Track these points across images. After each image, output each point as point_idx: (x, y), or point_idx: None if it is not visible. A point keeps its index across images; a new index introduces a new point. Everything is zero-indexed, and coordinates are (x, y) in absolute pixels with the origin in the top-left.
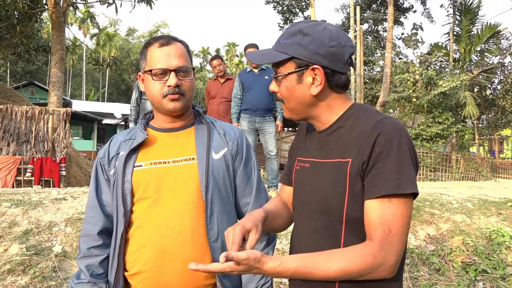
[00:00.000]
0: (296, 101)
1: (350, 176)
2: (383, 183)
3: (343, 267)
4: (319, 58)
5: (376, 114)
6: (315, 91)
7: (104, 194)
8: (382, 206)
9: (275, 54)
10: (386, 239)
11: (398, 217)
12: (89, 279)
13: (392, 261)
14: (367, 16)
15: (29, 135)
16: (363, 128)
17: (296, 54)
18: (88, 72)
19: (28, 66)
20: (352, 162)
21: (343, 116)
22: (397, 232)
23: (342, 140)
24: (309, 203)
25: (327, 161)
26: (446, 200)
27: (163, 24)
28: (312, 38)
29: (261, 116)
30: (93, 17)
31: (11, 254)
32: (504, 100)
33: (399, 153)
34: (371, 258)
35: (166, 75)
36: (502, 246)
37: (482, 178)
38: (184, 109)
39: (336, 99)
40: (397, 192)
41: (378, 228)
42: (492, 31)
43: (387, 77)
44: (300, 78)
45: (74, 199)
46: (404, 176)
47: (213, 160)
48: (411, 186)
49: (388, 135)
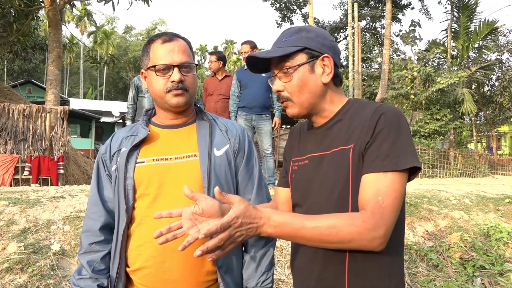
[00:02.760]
0: (309, 92)
1: (353, 160)
2: (382, 159)
3: (332, 222)
4: (327, 50)
5: (374, 103)
6: (326, 79)
7: (105, 190)
8: (377, 179)
9: (284, 48)
10: (378, 209)
11: (392, 190)
12: (90, 274)
13: (382, 232)
14: (365, 13)
15: (27, 133)
16: (364, 116)
17: (308, 45)
18: (85, 70)
19: (25, 64)
20: (354, 147)
21: (342, 110)
22: (390, 203)
23: (343, 131)
24: (313, 196)
25: (329, 152)
26: (444, 197)
27: (161, 21)
28: (317, 33)
29: (258, 114)
30: (90, 14)
31: (9, 252)
32: (502, 97)
33: (398, 132)
34: (360, 221)
35: (169, 71)
36: (500, 242)
37: (480, 174)
38: (187, 104)
39: (336, 92)
40: (396, 169)
41: (371, 199)
42: (489, 28)
43: (385, 74)
44: (312, 68)
45: (72, 197)
46: (403, 152)
47: (215, 157)
48: (410, 160)
49: (388, 115)
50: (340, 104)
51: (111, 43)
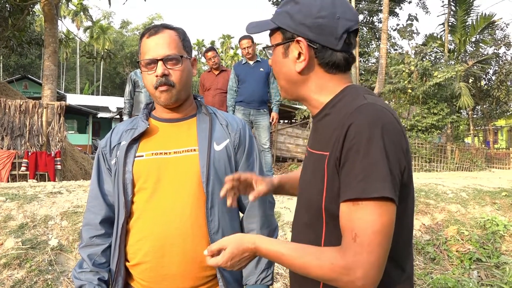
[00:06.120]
0: (283, 77)
1: (327, 172)
2: (349, 185)
3: (303, 262)
4: (304, 30)
5: (359, 99)
6: (299, 67)
7: (105, 184)
8: (349, 210)
9: (266, 23)
10: (351, 248)
11: (367, 222)
12: (91, 268)
13: (358, 274)
14: (362, 7)
15: (23, 129)
16: (341, 117)
17: (281, 23)
18: (82, 66)
19: (21, 59)
20: (329, 157)
21: (332, 101)
22: (366, 240)
23: (326, 130)
24: (300, 195)
25: (313, 152)
26: (441, 190)
27: (157, 16)
28: (300, 7)
29: (256, 109)
30: (86, 9)
31: (7, 248)
32: (499, 91)
33: (368, 149)
34: (328, 263)
35: (155, 65)
36: (496, 235)
37: (477, 168)
38: (176, 100)
39: (328, 80)
40: (361, 196)
41: (345, 236)
42: (487, 22)
43: (382, 68)
44: (286, 52)
45: (69, 193)
46: (371, 177)
47: (214, 152)
48: (378, 188)
49: (359, 127)
50: (332, 93)
51: (108, 38)
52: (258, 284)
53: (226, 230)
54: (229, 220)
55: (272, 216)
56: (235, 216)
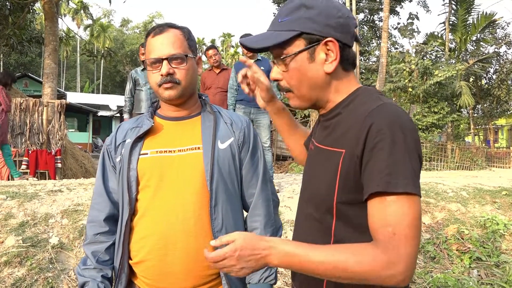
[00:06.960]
0: (308, 83)
1: (342, 169)
2: (373, 180)
3: (338, 259)
4: (331, 31)
5: (375, 100)
6: (330, 68)
7: (110, 181)
8: (378, 207)
9: (278, 34)
10: (391, 242)
11: (400, 216)
12: (95, 265)
13: (400, 268)
14: (363, 5)
15: (24, 127)
16: (358, 117)
17: (305, 28)
18: (82, 64)
19: (21, 58)
20: (345, 154)
21: (345, 101)
22: (403, 234)
23: (339, 128)
24: (305, 190)
25: (323, 147)
26: (441, 189)
27: (158, 14)
28: (319, 10)
29: (256, 107)
30: (87, 7)
31: (8, 246)
32: (499, 90)
33: (392, 147)
34: (370, 259)
35: (160, 64)
36: (496, 234)
37: (477, 167)
38: (181, 97)
39: (344, 78)
40: (387, 190)
41: (380, 231)
42: (487, 21)
43: (383, 67)
44: (312, 56)
45: (70, 191)
46: (396, 173)
47: (219, 150)
48: (403, 184)
49: (381, 126)
50: (346, 93)
51: (108, 36)
52: (261, 283)
53: (230, 228)
54: (232, 219)
55: (276, 215)
56: (239, 215)
